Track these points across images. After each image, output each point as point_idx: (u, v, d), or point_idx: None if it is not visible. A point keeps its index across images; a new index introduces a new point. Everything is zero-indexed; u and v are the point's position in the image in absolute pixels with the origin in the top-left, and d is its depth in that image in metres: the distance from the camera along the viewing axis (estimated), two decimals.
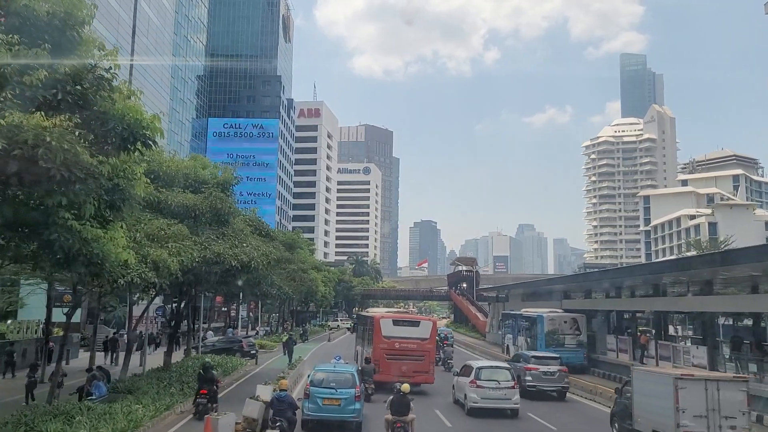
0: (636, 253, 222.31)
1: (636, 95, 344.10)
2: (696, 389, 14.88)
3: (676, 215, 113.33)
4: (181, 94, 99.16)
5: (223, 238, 20.00)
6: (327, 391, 17.21)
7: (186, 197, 19.30)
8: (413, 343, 24.93)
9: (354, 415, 17.03)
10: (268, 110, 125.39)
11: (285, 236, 54.68)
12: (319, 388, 17.32)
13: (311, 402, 17.02)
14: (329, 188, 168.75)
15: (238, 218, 23.51)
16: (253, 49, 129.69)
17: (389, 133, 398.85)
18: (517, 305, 46.58)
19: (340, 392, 17.11)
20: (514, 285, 54.46)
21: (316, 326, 78.47)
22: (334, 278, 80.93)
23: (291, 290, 48.94)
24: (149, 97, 76.27)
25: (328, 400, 16.95)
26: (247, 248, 20.26)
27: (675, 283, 27.93)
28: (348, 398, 16.99)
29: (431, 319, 29.86)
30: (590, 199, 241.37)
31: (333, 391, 17.16)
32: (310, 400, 17.06)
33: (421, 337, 25.23)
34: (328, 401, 16.95)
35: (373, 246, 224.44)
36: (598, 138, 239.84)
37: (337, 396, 17.02)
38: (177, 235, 17.03)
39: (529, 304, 43.10)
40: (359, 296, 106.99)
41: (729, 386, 15.08)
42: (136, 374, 22.65)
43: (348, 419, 17.01)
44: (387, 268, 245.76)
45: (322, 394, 17.09)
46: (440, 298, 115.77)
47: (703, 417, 14.71)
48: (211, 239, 19.42)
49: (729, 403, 14.80)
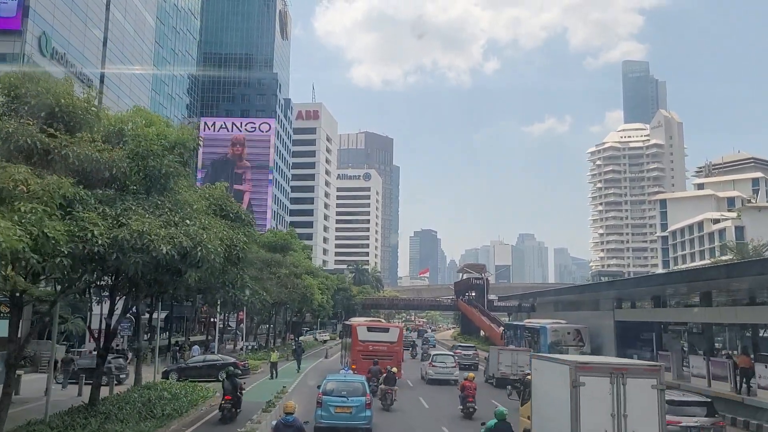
0: (643, 261, 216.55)
1: (639, 102, 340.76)
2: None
3: (697, 219, 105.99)
4: (169, 89, 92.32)
5: (157, 212, 13.06)
6: (339, 399, 18.00)
7: (96, 148, 12.22)
8: (384, 345, 29.88)
9: (365, 422, 17.94)
10: (264, 109, 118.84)
11: (276, 236, 47.75)
12: (331, 396, 18.09)
13: (324, 410, 17.72)
14: (328, 193, 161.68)
15: (186, 187, 15.95)
16: (248, 45, 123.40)
17: (389, 141, 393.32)
18: (548, 315, 40.14)
19: (351, 400, 18.02)
20: (542, 292, 47.27)
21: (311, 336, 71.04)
22: (333, 286, 73.63)
23: (285, 297, 42.05)
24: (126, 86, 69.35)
25: (340, 408, 17.76)
26: (193, 228, 12.92)
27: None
28: (359, 406, 17.90)
29: (398, 326, 36.01)
30: (596, 207, 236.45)
31: (345, 400, 18.00)
32: (322, 408, 17.78)
33: (390, 341, 30.38)
34: (340, 409, 17.76)
35: (373, 254, 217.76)
36: (604, 144, 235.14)
37: (348, 404, 17.91)
38: (46, 193, 9.91)
39: (563, 315, 36.84)
40: (360, 306, 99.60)
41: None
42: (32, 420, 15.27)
43: (359, 426, 17.86)
44: (387, 277, 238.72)
45: (335, 403, 17.88)
46: (446, 308, 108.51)
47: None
48: (133, 211, 12.41)
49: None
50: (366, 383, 19.23)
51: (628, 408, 11.41)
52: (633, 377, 11.68)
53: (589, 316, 33.20)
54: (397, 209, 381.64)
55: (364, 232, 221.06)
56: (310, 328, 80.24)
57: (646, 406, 11.52)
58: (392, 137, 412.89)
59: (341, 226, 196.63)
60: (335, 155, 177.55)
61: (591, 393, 11.45)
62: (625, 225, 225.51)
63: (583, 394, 11.44)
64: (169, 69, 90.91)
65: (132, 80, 69.41)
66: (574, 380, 11.53)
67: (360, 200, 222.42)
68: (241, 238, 15.87)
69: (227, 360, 32.17)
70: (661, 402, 11.66)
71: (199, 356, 34.99)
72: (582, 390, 11.46)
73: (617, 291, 33.04)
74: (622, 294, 31.82)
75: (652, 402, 11.57)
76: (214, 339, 53.40)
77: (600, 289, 33.08)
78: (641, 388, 11.59)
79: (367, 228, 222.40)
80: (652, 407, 11.54)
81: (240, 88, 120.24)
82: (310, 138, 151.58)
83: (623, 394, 11.48)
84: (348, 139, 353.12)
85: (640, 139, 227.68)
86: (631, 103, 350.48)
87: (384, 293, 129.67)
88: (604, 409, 11.43)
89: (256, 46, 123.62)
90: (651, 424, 11.49)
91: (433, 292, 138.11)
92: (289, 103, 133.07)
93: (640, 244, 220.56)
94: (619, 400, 11.49)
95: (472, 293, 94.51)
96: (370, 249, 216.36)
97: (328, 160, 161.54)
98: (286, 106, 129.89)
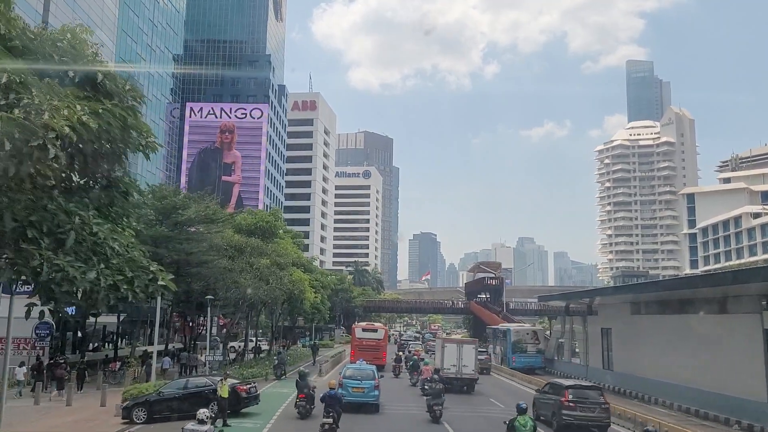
0: (654, 264, 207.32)
1: (643, 103, 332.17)
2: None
3: (733, 214, 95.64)
4: (147, 64, 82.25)
5: None
6: (355, 382, 24.09)
7: None
8: (373, 341, 40.43)
9: (374, 399, 24.15)
10: (255, 95, 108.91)
11: (255, 217, 37.85)
12: (349, 380, 24.16)
13: (344, 389, 23.01)
14: (326, 189, 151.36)
15: None
16: (239, 25, 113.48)
17: (389, 141, 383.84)
18: (622, 320, 30.45)
19: (364, 383, 24.12)
20: (616, 288, 36.58)
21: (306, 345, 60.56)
22: (331, 285, 63.40)
23: (264, 294, 31.97)
24: None
25: (355, 389, 23.83)
26: None
27: None
28: (370, 387, 24.02)
29: (383, 327, 45.23)
30: (603, 207, 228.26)
31: (359, 382, 24.14)
32: (343, 388, 23.07)
33: (377, 338, 40.99)
34: (356, 389, 23.82)
35: (373, 256, 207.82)
36: (613, 142, 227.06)
37: (362, 386, 24.01)
38: None
39: (650, 320, 27.46)
40: (360, 309, 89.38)
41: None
42: None
43: (370, 401, 23.96)
44: (387, 280, 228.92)
45: (352, 384, 23.88)
46: (456, 311, 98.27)
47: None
48: None
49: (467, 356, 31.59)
50: (375, 371, 25.52)
51: (463, 357, 30.81)
52: (466, 344, 32.47)
53: (704, 322, 22.96)
54: (397, 211, 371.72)
55: (363, 233, 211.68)
56: (304, 335, 69.81)
57: (470, 356, 31.19)
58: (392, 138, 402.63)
59: (340, 225, 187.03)
60: (334, 150, 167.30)
61: (449, 351, 31.18)
62: (635, 225, 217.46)
63: (446, 351, 31.23)
64: (146, 50, 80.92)
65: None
66: (442, 345, 32.15)
67: (359, 199, 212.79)
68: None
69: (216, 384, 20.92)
70: (476, 354, 32.23)
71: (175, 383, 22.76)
72: (445, 349, 31.39)
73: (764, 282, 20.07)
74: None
75: (472, 354, 31.42)
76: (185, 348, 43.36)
77: (729, 281, 21.47)
78: (468, 349, 31.53)
79: (366, 228, 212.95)
80: (472, 357, 31.42)
81: (230, 71, 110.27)
82: (307, 130, 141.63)
83: (461, 352, 31.10)
84: (347, 138, 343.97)
85: (650, 137, 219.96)
86: (635, 103, 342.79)
87: (384, 296, 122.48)
88: (454, 357, 30.80)
89: (247, 25, 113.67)
90: (472, 363, 31.11)
91: (434, 295, 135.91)
92: (283, 89, 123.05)
93: (650, 246, 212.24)
94: (459, 354, 31.00)
95: (485, 294, 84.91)
96: (369, 250, 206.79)
97: (326, 154, 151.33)
98: (280, 93, 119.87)
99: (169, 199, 30.03)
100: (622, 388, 31.30)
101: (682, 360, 26.67)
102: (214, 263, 30.28)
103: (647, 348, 30.06)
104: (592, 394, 20.71)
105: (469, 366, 30.86)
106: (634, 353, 31.26)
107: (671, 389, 26.68)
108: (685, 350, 26.52)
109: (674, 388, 26.43)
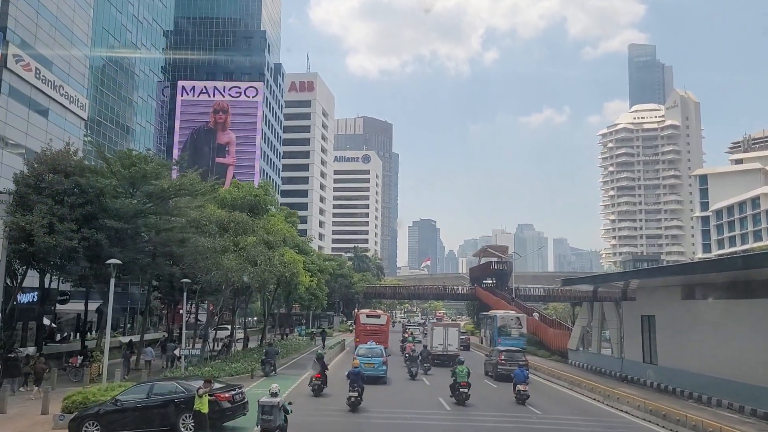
0: (657, 249, 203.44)
1: (645, 88, 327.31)
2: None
3: (750, 194, 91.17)
4: (135, 41, 77.33)
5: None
6: (366, 359, 28.60)
7: None
8: (376, 326, 43.53)
9: (383, 373, 29.35)
10: (250, 72, 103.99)
11: (241, 190, 33.34)
12: (362, 357, 27.73)
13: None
14: (325, 173, 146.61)
15: None
16: (232, 1, 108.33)
17: (388, 126, 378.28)
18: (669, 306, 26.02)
19: (374, 359, 29.30)
20: (662, 269, 31.55)
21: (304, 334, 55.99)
22: (329, 269, 59.06)
23: (251, 277, 27.62)
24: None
25: (367, 364, 27.91)
26: None
27: None
28: (378, 363, 29.28)
29: (386, 314, 49.70)
30: (607, 191, 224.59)
31: (370, 359, 29.00)
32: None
33: (380, 323, 44.18)
34: (368, 364, 28.03)
35: (373, 242, 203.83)
36: (616, 125, 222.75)
37: (372, 362, 28.92)
38: None
39: (706, 306, 23.07)
40: (361, 295, 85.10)
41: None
42: None
43: (379, 374, 29.02)
44: (387, 267, 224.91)
45: (364, 360, 27.32)
46: (458, 297, 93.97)
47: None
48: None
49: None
50: (384, 350, 31.80)
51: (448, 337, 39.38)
52: (451, 327, 41.95)
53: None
54: (396, 197, 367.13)
55: (363, 218, 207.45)
56: (300, 323, 65.45)
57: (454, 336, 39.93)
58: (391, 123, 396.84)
59: (339, 211, 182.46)
60: (332, 134, 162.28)
61: (437, 332, 39.97)
62: (639, 210, 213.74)
63: (434, 332, 40.21)
64: (132, 20, 75.86)
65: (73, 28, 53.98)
66: (432, 328, 41.88)
67: (359, 183, 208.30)
68: None
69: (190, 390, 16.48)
70: (459, 335, 42.28)
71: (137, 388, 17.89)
72: (434, 331, 40.50)
73: None
74: None
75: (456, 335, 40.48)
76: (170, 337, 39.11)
77: None
78: (453, 331, 40.62)
79: (366, 214, 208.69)
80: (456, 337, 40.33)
81: (223, 48, 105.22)
82: (305, 112, 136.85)
83: (447, 333, 39.84)
84: (345, 124, 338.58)
85: (654, 120, 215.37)
86: (638, 88, 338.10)
87: (385, 282, 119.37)
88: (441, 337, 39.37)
89: (241, 0, 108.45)
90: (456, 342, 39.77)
91: (435, 281, 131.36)
92: (279, 68, 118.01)
93: (654, 231, 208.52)
94: (445, 335, 39.63)
95: (491, 280, 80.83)
96: (369, 236, 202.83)
97: (324, 137, 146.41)
98: (276, 71, 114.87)
99: (138, 166, 25.60)
100: (669, 385, 26.90)
101: (752, 354, 22.39)
102: (191, 242, 25.89)
103: (704, 339, 25.75)
104: (517, 355, 32.29)
105: (453, 345, 39.39)
106: (686, 345, 26.69)
107: (736, 388, 22.60)
108: (757, 342, 22.17)
109: (741, 387, 22.30)
